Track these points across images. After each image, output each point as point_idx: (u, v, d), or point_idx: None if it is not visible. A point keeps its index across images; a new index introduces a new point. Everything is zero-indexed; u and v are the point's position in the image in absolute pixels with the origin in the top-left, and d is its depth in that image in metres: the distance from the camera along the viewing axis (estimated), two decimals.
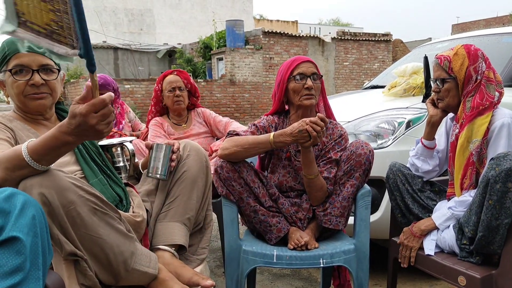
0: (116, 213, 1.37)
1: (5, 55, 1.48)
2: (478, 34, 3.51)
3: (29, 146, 1.20)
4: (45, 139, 1.19)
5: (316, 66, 1.92)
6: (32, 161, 1.18)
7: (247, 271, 1.75)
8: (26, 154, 1.18)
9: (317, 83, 1.90)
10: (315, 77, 1.89)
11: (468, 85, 1.77)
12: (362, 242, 1.81)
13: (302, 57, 1.94)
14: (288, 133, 1.70)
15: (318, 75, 1.90)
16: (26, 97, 1.50)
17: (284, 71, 1.91)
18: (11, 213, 1.02)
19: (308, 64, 1.89)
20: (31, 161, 1.18)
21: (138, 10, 21.44)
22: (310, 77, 1.87)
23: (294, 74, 1.88)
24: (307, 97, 1.87)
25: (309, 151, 1.74)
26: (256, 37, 14.21)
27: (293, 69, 1.88)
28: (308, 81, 1.86)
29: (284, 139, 1.71)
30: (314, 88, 1.87)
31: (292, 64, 1.89)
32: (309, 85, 1.85)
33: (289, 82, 1.89)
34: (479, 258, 1.64)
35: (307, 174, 1.79)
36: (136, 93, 12.47)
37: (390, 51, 16.64)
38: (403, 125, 2.50)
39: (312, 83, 1.86)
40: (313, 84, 1.86)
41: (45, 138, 1.19)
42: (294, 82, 1.88)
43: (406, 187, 1.95)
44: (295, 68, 1.88)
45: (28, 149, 1.19)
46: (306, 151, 1.74)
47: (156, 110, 2.82)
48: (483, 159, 1.72)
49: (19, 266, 0.99)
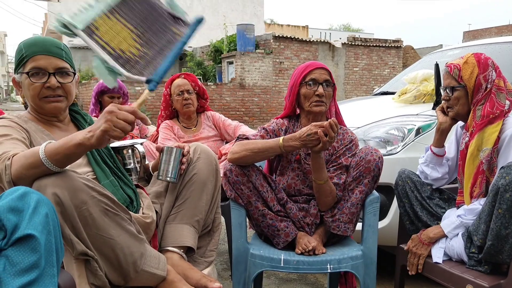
0: (126, 214, 1.39)
1: (22, 57, 1.50)
2: (489, 42, 3.49)
3: (47, 146, 1.23)
4: (63, 139, 1.24)
5: (330, 74, 1.91)
6: (47, 160, 1.21)
7: (254, 274, 1.75)
8: (43, 152, 1.21)
9: (329, 91, 1.89)
10: (327, 84, 1.88)
11: (478, 94, 1.77)
12: (369, 248, 1.81)
13: (317, 63, 1.93)
14: (297, 137, 1.71)
15: (330, 82, 1.90)
16: (41, 99, 1.53)
17: (298, 75, 1.91)
18: (25, 211, 1.04)
19: (322, 71, 1.89)
20: (46, 160, 1.21)
21: None
22: (322, 84, 1.87)
23: (306, 79, 1.88)
24: (316, 103, 1.87)
25: (319, 156, 1.74)
26: (266, 42, 14.25)
27: (306, 75, 1.88)
28: (320, 88, 1.86)
29: (294, 143, 1.72)
30: (325, 96, 1.87)
31: (306, 69, 1.90)
32: (320, 92, 1.85)
33: (301, 87, 1.90)
34: (487, 267, 1.63)
35: (316, 179, 1.79)
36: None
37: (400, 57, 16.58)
38: (412, 132, 2.49)
39: (323, 90, 1.86)
40: (324, 91, 1.86)
41: (64, 138, 1.24)
42: (305, 88, 1.88)
43: (415, 194, 1.95)
44: (308, 74, 1.88)
45: (45, 148, 1.23)
46: (316, 156, 1.75)
47: (166, 114, 2.85)
48: (494, 168, 1.72)
49: (35, 263, 1.02)
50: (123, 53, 1.23)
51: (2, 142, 1.37)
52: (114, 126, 1.17)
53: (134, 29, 1.30)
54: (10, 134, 1.42)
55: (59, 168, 1.24)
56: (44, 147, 1.23)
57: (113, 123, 1.17)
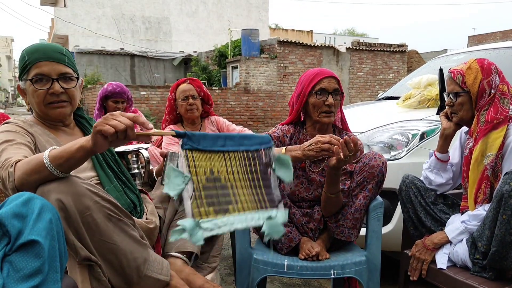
0: (130, 220, 1.39)
1: (25, 64, 1.52)
2: (494, 46, 3.48)
3: (51, 151, 1.25)
4: (67, 144, 1.25)
5: (339, 82, 1.89)
6: (50, 164, 1.22)
7: (257, 280, 1.75)
8: (47, 157, 1.22)
9: (338, 100, 1.88)
10: (336, 93, 1.87)
11: (481, 99, 1.77)
12: (373, 254, 1.80)
13: (326, 71, 1.89)
14: (300, 148, 1.70)
15: (339, 91, 1.88)
16: (46, 106, 1.54)
17: (306, 84, 1.88)
18: (29, 217, 1.05)
19: (331, 80, 1.86)
20: (49, 164, 1.22)
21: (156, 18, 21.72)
22: (332, 94, 1.85)
23: (316, 89, 1.85)
24: (326, 114, 1.86)
25: (336, 170, 1.69)
26: (271, 46, 14.27)
27: (316, 84, 1.85)
28: (330, 98, 1.84)
29: (296, 153, 1.69)
30: (334, 105, 1.86)
31: (315, 78, 1.86)
32: (330, 103, 1.83)
33: (310, 96, 1.87)
34: (492, 273, 1.62)
35: (328, 192, 1.77)
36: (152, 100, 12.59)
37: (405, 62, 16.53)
38: (417, 137, 2.49)
39: (333, 100, 1.84)
40: (334, 101, 1.85)
41: (68, 144, 1.25)
42: (315, 97, 1.85)
43: (419, 199, 1.94)
44: (317, 83, 1.85)
45: (49, 154, 1.24)
46: (332, 170, 1.70)
47: (170, 118, 2.86)
48: (498, 173, 1.71)
49: (38, 269, 1.02)
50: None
51: (5, 148, 1.38)
52: (105, 122, 1.16)
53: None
54: (14, 140, 1.43)
55: (63, 173, 1.25)
56: (48, 152, 1.24)
57: (105, 120, 1.17)
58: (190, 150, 1.15)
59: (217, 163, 1.21)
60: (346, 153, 1.58)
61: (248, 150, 1.29)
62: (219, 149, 1.21)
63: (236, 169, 1.25)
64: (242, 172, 1.26)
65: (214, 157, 1.20)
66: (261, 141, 1.33)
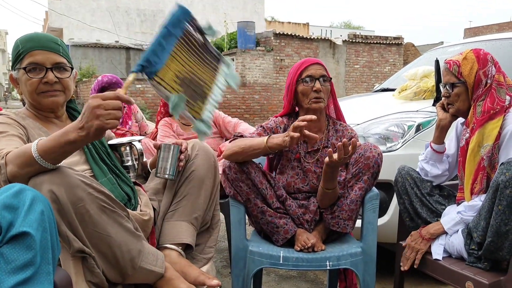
0: (124, 212, 1.38)
1: (19, 53, 1.50)
2: (490, 38, 3.47)
3: (39, 143, 1.22)
4: (54, 135, 1.21)
5: (326, 68, 1.91)
6: (40, 158, 1.20)
7: (253, 271, 1.75)
8: (35, 150, 1.20)
9: (326, 86, 1.89)
10: (324, 79, 1.88)
11: (478, 90, 1.76)
12: (369, 245, 1.80)
13: (311, 59, 1.93)
14: (281, 135, 1.68)
15: (327, 77, 1.89)
16: (39, 94, 1.53)
17: (293, 74, 1.91)
18: (20, 208, 1.04)
19: (317, 66, 1.88)
20: (39, 158, 1.20)
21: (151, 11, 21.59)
22: (319, 79, 1.86)
23: (302, 76, 1.87)
24: (315, 100, 1.86)
25: (332, 168, 1.70)
26: (267, 39, 14.22)
27: (302, 71, 1.88)
28: (317, 84, 1.85)
29: (277, 139, 1.67)
30: (323, 91, 1.86)
31: (301, 67, 1.89)
32: (317, 88, 1.84)
33: (298, 85, 1.89)
34: (487, 263, 1.62)
35: (325, 188, 1.77)
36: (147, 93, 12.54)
37: (401, 54, 16.53)
38: (412, 128, 2.48)
39: (320, 86, 1.85)
40: (321, 86, 1.85)
41: (55, 134, 1.22)
42: (302, 85, 1.87)
43: (414, 190, 1.94)
44: (303, 71, 1.88)
45: (37, 146, 1.21)
46: (328, 168, 1.70)
47: (165, 111, 2.84)
48: (495, 164, 1.71)
49: (30, 261, 1.01)
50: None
51: None
52: (106, 119, 1.14)
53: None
54: (6, 131, 1.41)
55: (53, 164, 1.23)
56: (36, 145, 1.21)
57: (104, 117, 1.14)
58: (154, 75, 1.24)
59: (174, 66, 1.31)
60: (341, 155, 1.60)
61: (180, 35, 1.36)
62: (167, 54, 1.29)
63: (187, 59, 1.37)
64: (190, 56, 1.39)
65: (170, 65, 1.30)
66: (181, 15, 1.38)
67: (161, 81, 1.25)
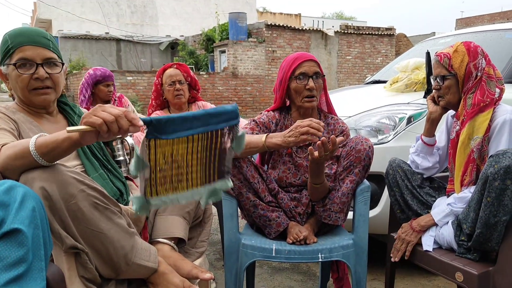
0: (117, 207, 1.38)
1: (8, 48, 1.48)
2: (481, 29, 3.49)
3: (38, 139, 1.22)
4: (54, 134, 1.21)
5: (319, 65, 1.89)
6: (36, 153, 1.19)
7: (246, 264, 1.76)
8: (33, 145, 1.20)
9: (319, 83, 1.88)
10: (317, 76, 1.87)
11: (468, 82, 1.77)
12: (360, 237, 1.82)
13: (305, 54, 1.89)
14: (280, 135, 1.68)
15: (320, 74, 1.88)
16: (31, 92, 1.51)
17: (286, 69, 1.88)
18: (11, 205, 1.03)
19: (311, 63, 1.86)
20: (35, 153, 1.19)
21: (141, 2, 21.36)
22: (312, 77, 1.84)
23: (296, 73, 1.85)
24: (308, 99, 1.86)
25: (317, 164, 1.70)
26: (259, 30, 14.16)
27: (295, 68, 1.85)
28: (310, 82, 1.83)
29: (276, 140, 1.68)
30: (316, 88, 1.85)
31: (294, 63, 1.86)
32: (311, 86, 1.83)
33: (291, 82, 1.87)
34: (476, 254, 1.65)
35: (313, 183, 1.78)
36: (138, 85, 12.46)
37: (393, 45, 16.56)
38: (404, 120, 2.50)
39: (313, 84, 1.84)
40: (315, 84, 1.84)
41: (55, 134, 1.22)
42: (295, 82, 1.85)
43: (405, 183, 1.95)
44: (297, 67, 1.85)
45: (36, 141, 1.21)
46: (314, 164, 1.70)
47: (156, 104, 2.82)
48: (484, 156, 1.72)
49: (22, 258, 1.01)
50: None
51: None
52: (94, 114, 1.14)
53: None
54: None
55: (48, 162, 1.22)
56: (34, 140, 1.21)
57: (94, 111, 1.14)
58: (153, 139, 1.12)
59: (180, 145, 1.19)
60: (322, 153, 1.60)
61: (213, 130, 1.23)
62: (184, 134, 1.17)
63: (197, 149, 1.22)
64: (202, 151, 1.24)
65: (177, 141, 1.17)
66: (228, 117, 1.26)
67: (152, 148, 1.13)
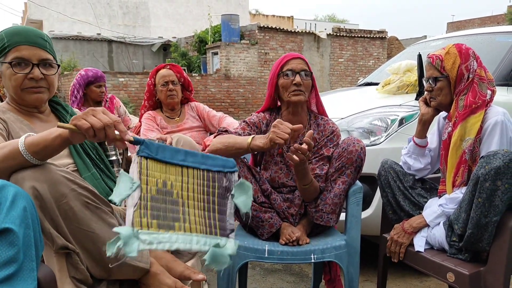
0: (108, 207, 1.37)
1: (4, 46, 1.46)
2: (472, 33, 3.53)
3: (27, 138, 1.21)
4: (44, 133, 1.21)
5: (307, 63, 1.91)
6: (26, 151, 1.18)
7: (238, 265, 1.75)
8: (22, 144, 1.18)
9: (307, 80, 1.89)
10: (305, 74, 1.88)
11: (460, 84, 1.79)
12: (353, 238, 1.82)
13: (293, 53, 1.93)
14: (265, 136, 1.67)
15: (308, 71, 1.89)
16: (23, 90, 1.50)
17: (275, 68, 1.91)
18: (2, 205, 1.02)
19: (298, 61, 1.88)
20: (25, 151, 1.18)
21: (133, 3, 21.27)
22: (300, 73, 1.86)
23: (283, 70, 1.88)
24: (295, 93, 1.86)
25: (299, 166, 1.69)
26: (251, 32, 14.17)
27: (283, 65, 1.88)
28: (297, 77, 1.85)
29: (259, 141, 1.66)
30: (304, 85, 1.86)
31: (282, 61, 1.89)
32: (297, 81, 1.84)
33: (279, 78, 1.89)
34: (468, 255, 1.66)
35: (301, 184, 1.78)
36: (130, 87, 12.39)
37: (385, 48, 16.66)
38: (396, 122, 2.51)
39: (300, 80, 1.85)
40: (302, 80, 1.85)
41: (45, 132, 1.21)
42: (283, 78, 1.87)
43: (397, 184, 1.96)
44: (285, 64, 1.88)
45: (25, 141, 1.20)
46: (296, 167, 1.71)
47: (149, 104, 2.81)
48: (476, 157, 1.74)
49: (13, 258, 0.99)
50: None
51: None
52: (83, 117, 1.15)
53: None
54: None
55: (39, 161, 1.21)
56: (23, 139, 1.20)
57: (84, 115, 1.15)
58: (145, 158, 1.08)
59: (173, 176, 1.13)
60: (301, 157, 1.59)
61: (209, 170, 1.20)
62: (177, 162, 1.13)
63: (192, 187, 1.16)
64: (198, 192, 1.18)
65: (170, 169, 1.13)
66: (224, 164, 1.25)
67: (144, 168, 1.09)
